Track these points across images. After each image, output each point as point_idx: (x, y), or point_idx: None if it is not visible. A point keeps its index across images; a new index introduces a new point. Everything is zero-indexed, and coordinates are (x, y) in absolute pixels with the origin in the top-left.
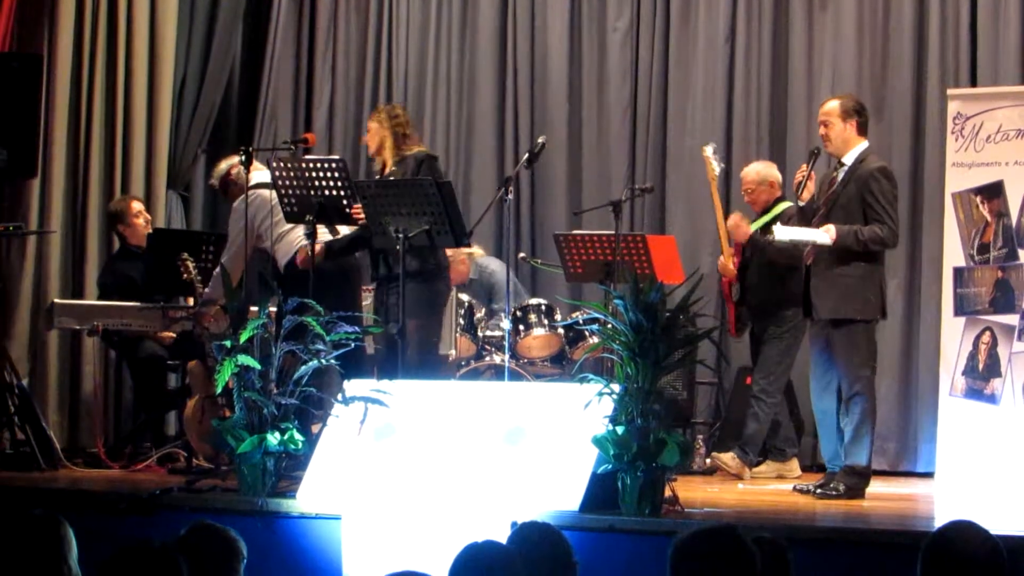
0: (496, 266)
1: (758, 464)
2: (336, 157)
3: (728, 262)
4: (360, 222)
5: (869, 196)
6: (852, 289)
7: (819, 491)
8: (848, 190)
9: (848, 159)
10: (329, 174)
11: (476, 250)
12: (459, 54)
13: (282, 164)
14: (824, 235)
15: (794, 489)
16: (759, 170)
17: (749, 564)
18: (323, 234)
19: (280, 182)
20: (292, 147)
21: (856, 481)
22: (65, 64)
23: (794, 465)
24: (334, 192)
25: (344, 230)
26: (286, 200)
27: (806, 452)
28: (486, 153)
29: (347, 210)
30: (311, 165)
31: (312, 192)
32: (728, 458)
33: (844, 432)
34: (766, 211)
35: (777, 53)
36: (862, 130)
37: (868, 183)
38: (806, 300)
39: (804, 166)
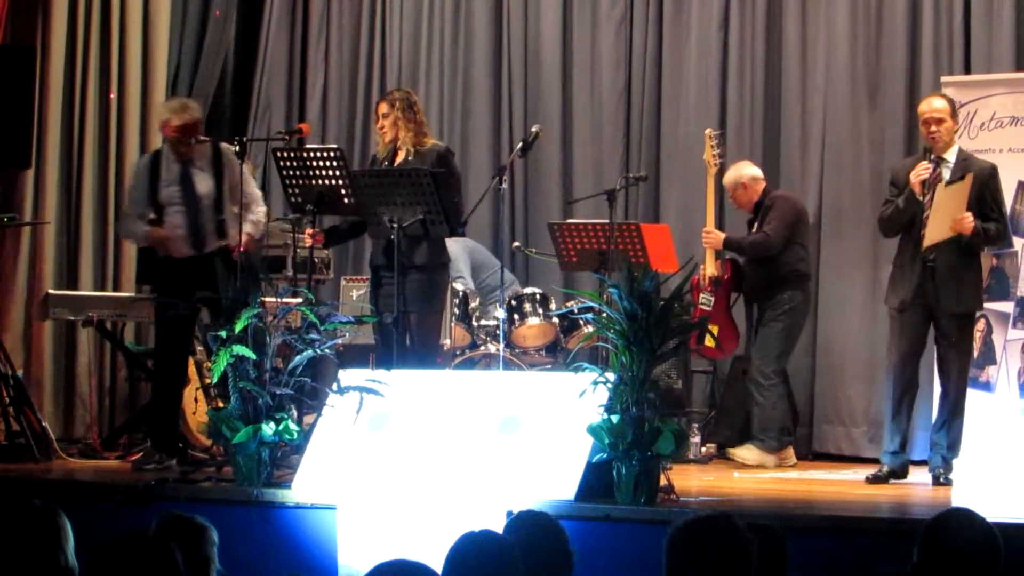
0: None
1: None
2: (334, 146)
3: (708, 266)
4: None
5: (989, 195)
6: (975, 283)
7: (946, 480)
8: (971, 188)
9: (950, 156)
10: (328, 163)
11: None
12: (452, 43)
13: (284, 154)
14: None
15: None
16: (730, 176)
17: (745, 552)
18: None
19: (284, 172)
20: (286, 137)
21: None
22: (58, 55)
23: (789, 453)
24: (333, 181)
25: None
26: (290, 190)
27: (801, 440)
28: (480, 142)
29: (345, 200)
30: (312, 154)
31: (313, 181)
32: (744, 451)
33: (954, 423)
34: (756, 209)
35: (771, 40)
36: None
37: (988, 182)
38: (916, 291)
39: (926, 163)
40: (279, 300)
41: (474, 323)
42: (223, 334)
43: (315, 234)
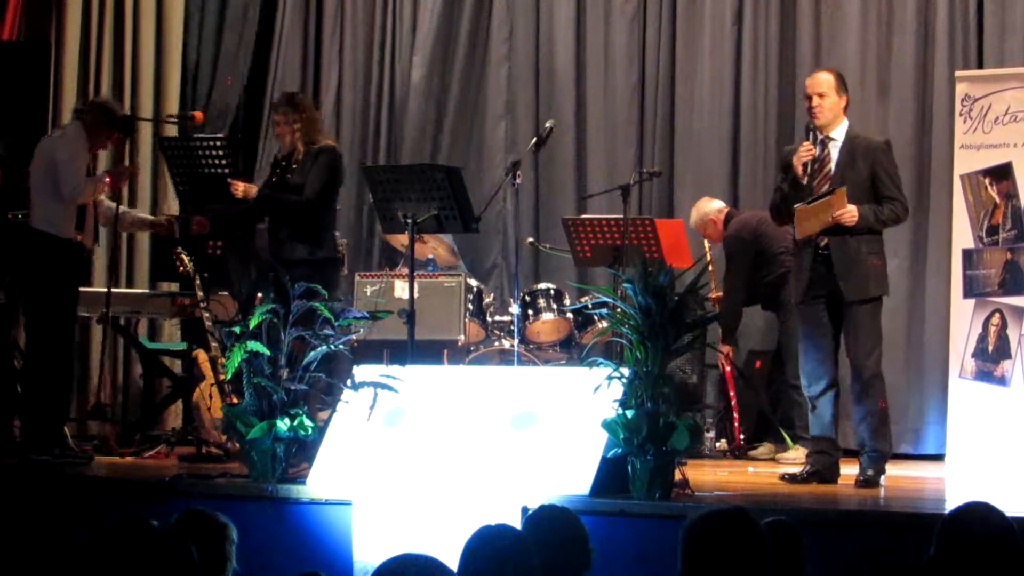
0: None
1: (755, 447)
2: (222, 135)
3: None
4: (238, 196)
5: (881, 172)
6: (875, 267)
7: (861, 481)
8: (857, 167)
9: (837, 134)
10: (215, 152)
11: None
12: (466, 38)
13: (173, 143)
14: (849, 217)
15: (782, 477)
16: (693, 217)
17: (759, 545)
18: None
19: (170, 161)
20: (178, 122)
21: (884, 466)
22: (73, 51)
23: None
24: (221, 170)
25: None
26: (178, 179)
27: None
28: (493, 138)
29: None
30: (200, 143)
31: (202, 170)
32: (793, 452)
33: (864, 415)
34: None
35: (784, 35)
36: (847, 106)
37: (879, 157)
38: (813, 281)
39: (807, 143)
40: (293, 296)
41: (488, 319)
42: (237, 330)
43: (200, 220)
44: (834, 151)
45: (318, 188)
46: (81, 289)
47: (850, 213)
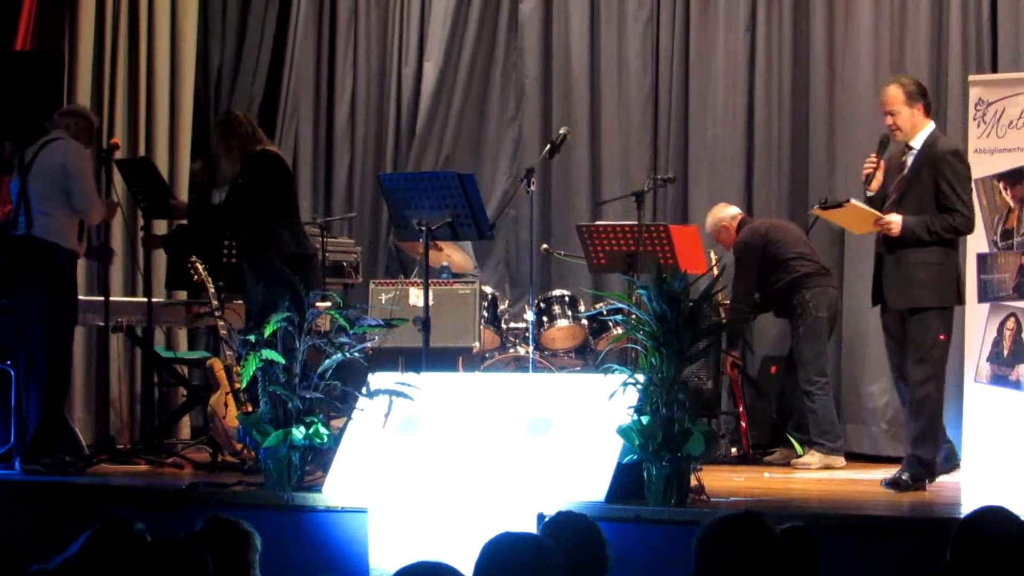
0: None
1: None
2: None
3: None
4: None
5: (943, 182)
6: (926, 278)
7: (887, 481)
8: (921, 176)
9: (916, 143)
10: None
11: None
12: (478, 47)
13: (129, 163)
14: (887, 227)
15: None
16: (708, 222)
17: (774, 550)
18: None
19: (130, 180)
20: (103, 152)
21: (922, 472)
22: (86, 61)
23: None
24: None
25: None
26: (140, 196)
27: None
28: (507, 144)
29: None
30: (124, 165)
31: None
32: (808, 457)
33: (909, 420)
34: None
35: (797, 40)
36: (927, 111)
37: (941, 167)
38: (877, 288)
39: (874, 156)
40: (309, 303)
41: (503, 325)
42: (252, 338)
43: (151, 238)
44: (910, 160)
45: (246, 187)
46: (99, 298)
47: (887, 223)
